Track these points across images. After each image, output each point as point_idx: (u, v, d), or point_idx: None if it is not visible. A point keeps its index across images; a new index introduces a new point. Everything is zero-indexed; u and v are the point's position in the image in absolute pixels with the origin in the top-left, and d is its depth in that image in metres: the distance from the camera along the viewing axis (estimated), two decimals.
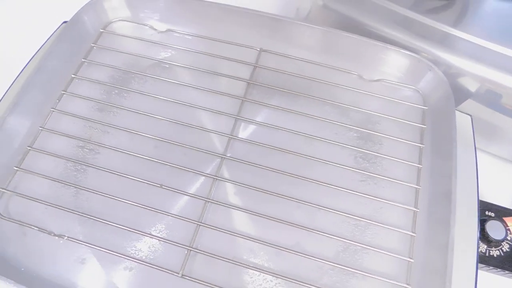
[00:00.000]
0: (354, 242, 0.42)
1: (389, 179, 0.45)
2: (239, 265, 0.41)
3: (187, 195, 0.44)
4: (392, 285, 0.40)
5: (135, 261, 0.41)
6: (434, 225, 0.42)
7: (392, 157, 0.46)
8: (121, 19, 0.56)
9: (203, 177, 0.45)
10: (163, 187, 0.44)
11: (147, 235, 0.42)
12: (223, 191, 0.45)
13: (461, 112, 0.48)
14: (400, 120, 0.48)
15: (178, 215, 0.42)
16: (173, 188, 0.44)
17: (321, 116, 0.49)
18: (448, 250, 0.39)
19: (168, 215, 0.43)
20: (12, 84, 0.50)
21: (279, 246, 0.41)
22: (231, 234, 0.42)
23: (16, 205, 0.44)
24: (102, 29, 0.55)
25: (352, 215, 0.43)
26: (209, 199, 0.43)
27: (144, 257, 0.41)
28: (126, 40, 0.55)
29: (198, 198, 0.44)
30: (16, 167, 0.45)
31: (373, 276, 0.40)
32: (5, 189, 0.44)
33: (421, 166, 0.45)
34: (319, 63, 0.52)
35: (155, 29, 0.55)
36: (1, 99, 0.49)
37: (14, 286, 0.38)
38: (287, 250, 0.41)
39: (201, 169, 0.45)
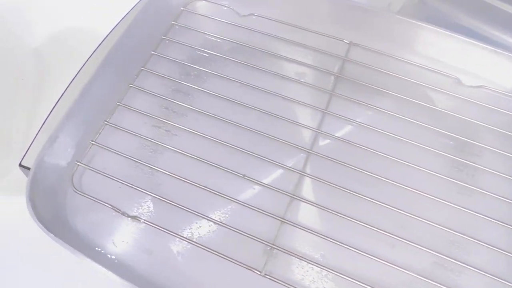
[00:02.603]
0: (450, 258, 0.38)
1: (489, 193, 0.41)
2: (324, 269, 0.38)
3: (272, 188, 0.41)
4: None
5: (209, 251, 0.38)
6: None
7: (493, 170, 0.42)
8: None
9: (285, 171, 0.42)
10: (246, 177, 0.41)
11: (226, 226, 0.39)
12: (306, 188, 0.42)
13: None
14: (503, 131, 0.44)
15: (261, 209, 0.39)
16: (257, 180, 0.41)
17: (414, 119, 0.45)
18: None
19: (251, 208, 0.39)
20: (89, 58, 0.48)
21: (368, 254, 0.37)
22: (317, 236, 0.39)
23: (90, 180, 0.41)
24: (183, 7, 0.52)
25: (449, 229, 0.39)
26: (294, 195, 0.40)
27: (220, 249, 0.38)
28: (206, 20, 0.52)
29: (283, 194, 0.40)
30: (92, 141, 0.42)
31: None
32: (80, 163, 0.41)
33: None
34: (413, 62, 0.48)
35: (237, 12, 0.52)
36: (78, 74, 0.47)
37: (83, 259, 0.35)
38: (376, 259, 0.38)
39: (283, 162, 0.42)
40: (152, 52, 0.48)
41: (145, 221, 0.39)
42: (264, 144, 0.43)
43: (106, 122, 0.44)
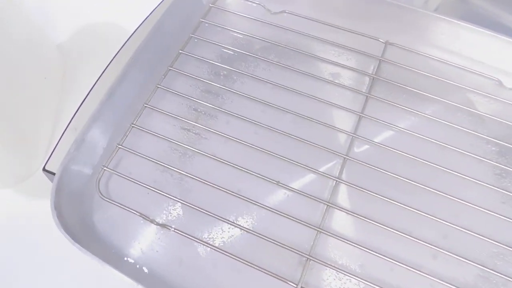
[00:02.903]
0: (494, 271, 0.36)
1: None
2: (362, 281, 0.36)
3: (307, 196, 0.39)
4: None
5: (243, 262, 0.36)
6: None
7: None
8: None
9: (319, 177, 0.40)
10: (280, 184, 0.39)
11: (260, 236, 0.37)
12: (342, 196, 0.40)
13: None
14: None
15: (296, 218, 0.38)
16: (291, 187, 0.39)
17: (454, 123, 0.42)
18: None
19: (286, 217, 0.38)
20: (114, 57, 0.47)
21: (408, 265, 0.36)
22: (355, 246, 0.37)
23: (116, 185, 0.40)
24: (211, 4, 0.50)
25: (493, 241, 0.37)
26: (331, 203, 0.38)
27: (253, 259, 0.36)
28: (236, 17, 0.50)
29: (319, 201, 0.39)
30: (118, 144, 0.41)
31: None
32: (106, 167, 0.40)
33: None
34: (451, 62, 0.46)
35: (269, 9, 0.50)
36: (103, 73, 0.45)
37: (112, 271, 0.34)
38: (416, 271, 0.36)
39: (317, 168, 0.40)
40: (180, 51, 0.47)
41: (175, 230, 0.37)
42: (298, 148, 0.41)
43: (132, 125, 0.42)
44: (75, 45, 0.58)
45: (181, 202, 0.39)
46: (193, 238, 0.37)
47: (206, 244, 0.37)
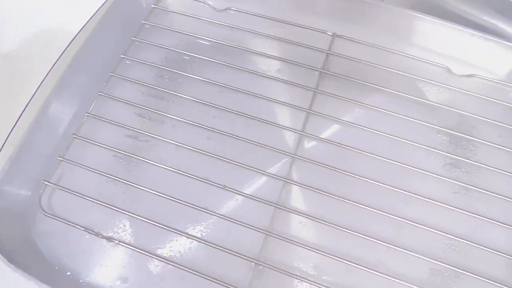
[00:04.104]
0: (448, 265, 0.36)
1: (486, 192, 0.38)
2: (315, 284, 0.35)
3: (255, 199, 0.38)
4: None
5: (191, 272, 0.35)
6: None
7: (489, 166, 0.40)
8: None
9: (268, 179, 0.40)
10: (226, 188, 0.38)
11: (208, 244, 0.36)
12: (292, 196, 0.39)
13: None
14: (499, 123, 0.41)
15: (244, 222, 0.37)
16: (239, 191, 0.38)
17: (404, 114, 0.42)
18: None
19: (234, 222, 0.37)
20: (54, 65, 0.45)
21: (359, 264, 0.35)
22: (306, 248, 0.36)
23: (60, 200, 0.39)
24: (154, 4, 0.49)
25: (445, 233, 0.37)
26: (279, 205, 0.37)
27: (202, 269, 0.36)
28: (180, 18, 0.49)
29: (267, 204, 0.38)
30: (60, 157, 0.39)
31: None
32: (48, 182, 0.38)
33: None
34: (400, 52, 0.45)
35: (214, 7, 0.49)
36: (43, 81, 0.43)
37: None
38: (368, 269, 0.35)
39: (265, 169, 0.39)
40: (122, 56, 0.45)
41: (120, 243, 0.36)
42: (245, 150, 0.40)
43: (74, 136, 0.41)
44: (21, 54, 0.56)
45: (127, 214, 0.37)
46: (140, 251, 0.36)
47: (154, 256, 0.36)
